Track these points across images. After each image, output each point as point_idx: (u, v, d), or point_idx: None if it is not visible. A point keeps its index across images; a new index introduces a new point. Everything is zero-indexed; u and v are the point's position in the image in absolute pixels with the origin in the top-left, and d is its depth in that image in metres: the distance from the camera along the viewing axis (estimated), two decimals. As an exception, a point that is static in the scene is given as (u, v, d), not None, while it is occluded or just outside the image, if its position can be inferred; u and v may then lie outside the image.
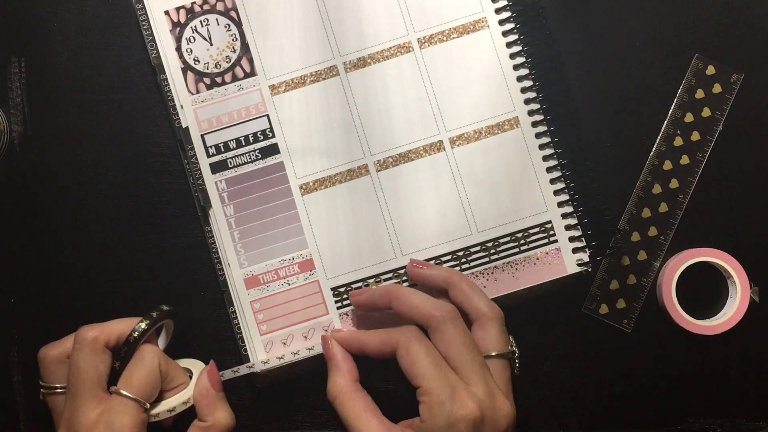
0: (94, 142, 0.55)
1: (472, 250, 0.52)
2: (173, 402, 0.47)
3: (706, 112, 0.55)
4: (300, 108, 0.53)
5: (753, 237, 0.55)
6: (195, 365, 0.51)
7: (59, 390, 0.47)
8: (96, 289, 0.54)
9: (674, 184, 0.55)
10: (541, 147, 0.52)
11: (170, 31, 0.53)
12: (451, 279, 0.48)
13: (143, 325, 0.47)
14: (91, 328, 0.46)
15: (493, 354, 0.45)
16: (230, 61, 0.53)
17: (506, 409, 0.43)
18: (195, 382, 0.48)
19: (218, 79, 0.53)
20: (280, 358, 0.50)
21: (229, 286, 0.52)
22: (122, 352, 0.46)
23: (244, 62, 0.53)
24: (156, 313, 0.48)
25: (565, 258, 0.52)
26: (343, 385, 0.46)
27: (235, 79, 0.53)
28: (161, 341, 0.51)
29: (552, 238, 0.52)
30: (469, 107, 0.53)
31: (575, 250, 0.52)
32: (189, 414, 0.48)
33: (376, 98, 0.53)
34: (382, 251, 0.52)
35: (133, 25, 0.55)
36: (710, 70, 0.55)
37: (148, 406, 0.46)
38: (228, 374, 0.50)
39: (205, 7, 0.53)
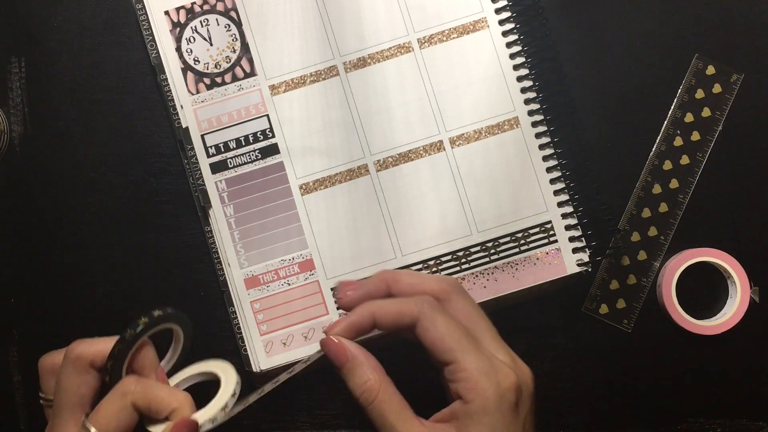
0: (94, 142, 0.55)
1: (472, 250, 0.52)
2: None
3: (706, 112, 0.55)
4: (300, 108, 0.53)
5: (753, 237, 0.55)
6: (224, 369, 0.44)
7: (51, 402, 0.43)
8: (96, 289, 0.54)
9: (674, 184, 0.55)
10: (541, 147, 0.52)
11: (170, 31, 0.53)
12: (388, 277, 0.43)
13: (127, 336, 0.40)
14: (79, 343, 0.42)
15: None
16: (230, 61, 0.53)
17: (528, 370, 0.41)
18: (214, 402, 0.42)
19: (218, 79, 0.53)
20: (305, 361, 0.45)
21: (229, 286, 0.52)
22: (108, 367, 0.41)
23: (244, 62, 0.53)
24: (143, 320, 0.40)
25: (565, 258, 0.52)
26: (378, 381, 0.40)
27: (235, 79, 0.53)
28: (169, 355, 0.45)
29: (552, 238, 0.52)
30: (469, 107, 0.53)
31: (575, 250, 0.52)
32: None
33: (376, 98, 0.53)
34: (382, 251, 0.52)
35: (133, 25, 0.55)
36: (710, 70, 0.55)
37: None
38: (252, 399, 0.43)
39: (205, 7, 0.53)
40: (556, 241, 0.52)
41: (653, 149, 0.55)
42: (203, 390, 0.44)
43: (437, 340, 0.39)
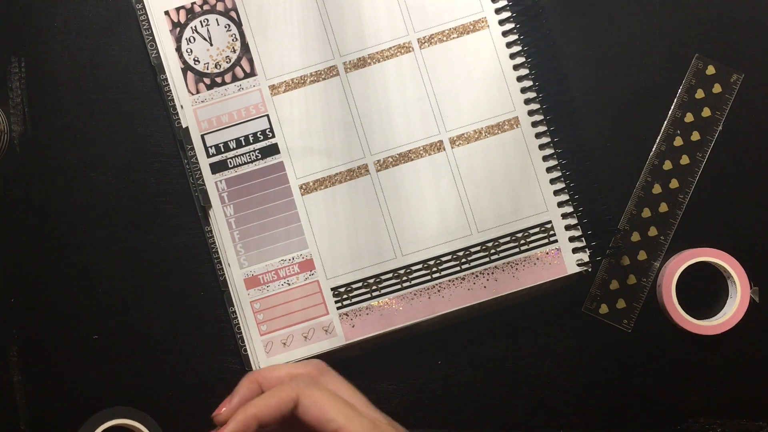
0: (94, 142, 0.55)
1: (472, 250, 0.52)
2: None
3: (706, 112, 0.55)
4: (300, 108, 0.53)
5: (753, 237, 0.55)
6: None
7: None
8: (96, 289, 0.54)
9: (674, 184, 0.55)
10: (541, 147, 0.52)
11: (170, 31, 0.53)
12: (257, 377, 0.43)
13: None
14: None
15: None
16: (230, 61, 0.53)
17: (404, 429, 0.42)
18: None
19: (218, 79, 0.53)
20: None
21: (229, 286, 0.52)
22: None
23: (244, 62, 0.53)
24: None
25: (565, 258, 0.52)
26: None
27: (235, 79, 0.53)
28: None
29: (552, 238, 0.52)
30: (469, 107, 0.53)
31: (575, 250, 0.52)
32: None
33: (376, 98, 0.53)
34: (382, 251, 0.52)
35: (133, 25, 0.55)
36: (710, 70, 0.55)
37: None
38: None
39: (205, 7, 0.53)
40: (556, 241, 0.52)
41: (653, 149, 0.55)
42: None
43: (319, 414, 0.40)
